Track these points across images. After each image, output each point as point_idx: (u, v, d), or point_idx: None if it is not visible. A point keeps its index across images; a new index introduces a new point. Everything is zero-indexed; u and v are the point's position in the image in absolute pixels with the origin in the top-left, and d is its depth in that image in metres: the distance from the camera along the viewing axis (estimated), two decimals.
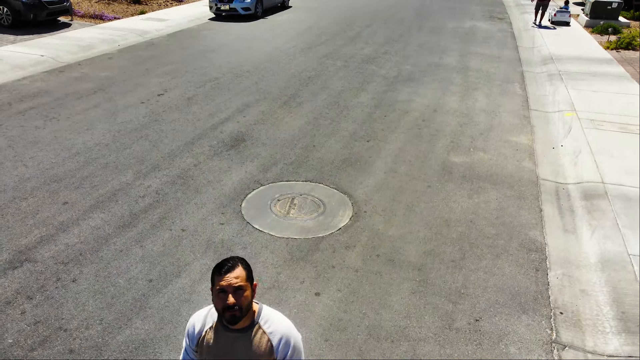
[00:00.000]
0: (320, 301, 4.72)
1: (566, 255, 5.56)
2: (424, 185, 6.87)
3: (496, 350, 4.28)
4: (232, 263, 2.25)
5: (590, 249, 5.64)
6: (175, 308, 4.55)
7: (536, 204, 6.52)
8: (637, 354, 4.22)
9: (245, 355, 2.34)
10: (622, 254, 5.48)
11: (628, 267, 5.28)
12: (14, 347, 4.06)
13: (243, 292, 2.24)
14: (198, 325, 2.44)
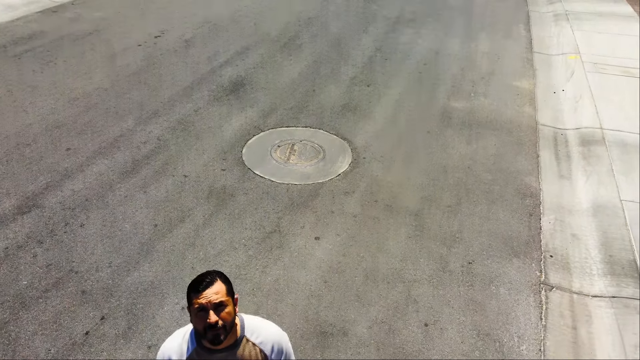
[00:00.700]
0: (319, 245, 4.90)
1: (560, 201, 5.70)
2: (424, 131, 6.92)
3: (487, 291, 4.50)
4: (210, 278, 2.07)
5: (583, 195, 5.77)
6: (180, 252, 4.74)
7: (534, 150, 6.59)
8: (620, 295, 4.44)
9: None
10: (614, 200, 5.62)
11: (619, 212, 5.44)
12: (29, 288, 4.27)
13: (225, 307, 2.04)
14: (174, 356, 2.16)
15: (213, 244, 4.84)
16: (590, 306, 4.39)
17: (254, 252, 4.78)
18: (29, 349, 3.77)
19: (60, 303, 4.15)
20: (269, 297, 4.33)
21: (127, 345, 3.85)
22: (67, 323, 3.99)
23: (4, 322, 3.96)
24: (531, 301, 4.41)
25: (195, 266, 4.59)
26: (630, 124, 7.07)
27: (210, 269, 4.46)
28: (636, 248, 4.94)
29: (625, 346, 3.98)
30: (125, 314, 4.10)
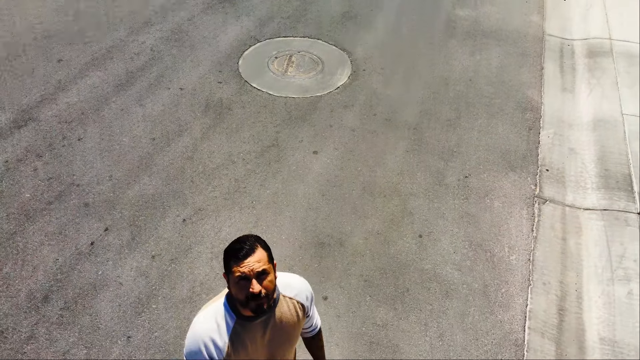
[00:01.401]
0: (318, 159, 4.93)
1: (560, 115, 5.65)
2: (426, 41, 6.69)
3: (481, 204, 4.59)
4: (250, 244, 1.88)
5: (585, 108, 5.71)
6: (179, 165, 4.77)
7: (538, 62, 6.42)
8: (611, 208, 4.53)
9: (283, 334, 2.09)
10: (615, 114, 5.56)
11: (619, 126, 5.40)
12: (32, 200, 4.36)
13: (267, 276, 1.88)
14: (216, 336, 1.93)
15: (211, 158, 4.87)
16: (581, 218, 4.50)
17: (252, 165, 4.82)
18: (37, 259, 3.92)
19: (64, 215, 4.25)
20: (268, 209, 4.43)
21: (132, 255, 3.99)
22: (72, 234, 4.12)
23: (11, 234, 4.08)
24: (524, 214, 4.52)
25: (194, 179, 4.64)
26: None
27: (211, 181, 4.54)
28: (632, 162, 4.97)
29: (612, 256, 4.13)
30: (128, 225, 4.21)
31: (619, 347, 3.55)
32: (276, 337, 2.06)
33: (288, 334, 2.11)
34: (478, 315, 3.74)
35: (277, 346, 2.09)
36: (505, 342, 3.58)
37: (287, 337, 2.11)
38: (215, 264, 3.97)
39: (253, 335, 1.98)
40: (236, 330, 1.95)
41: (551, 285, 3.98)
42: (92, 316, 3.60)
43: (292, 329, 2.11)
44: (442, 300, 3.83)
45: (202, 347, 1.92)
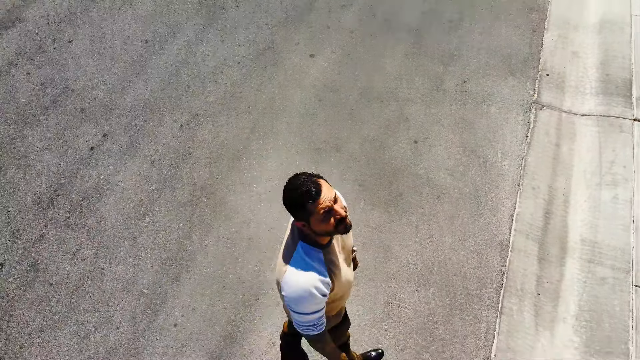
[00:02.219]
0: (314, 63, 4.84)
1: (567, 15, 5.44)
2: None
3: (478, 110, 4.59)
4: (313, 181, 1.86)
5: (593, 8, 5.49)
6: (174, 69, 4.70)
7: None
8: (607, 114, 4.54)
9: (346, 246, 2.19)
10: (624, 14, 5.35)
11: (626, 28, 5.23)
12: (28, 106, 4.36)
13: (338, 198, 1.94)
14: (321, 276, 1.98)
15: (206, 61, 4.78)
16: (576, 124, 4.53)
17: (248, 69, 4.74)
18: (39, 164, 4.01)
19: (62, 120, 4.28)
20: (264, 115, 4.44)
21: (132, 160, 4.08)
22: (72, 139, 4.17)
23: (12, 138, 4.14)
24: (520, 120, 4.53)
25: (190, 84, 4.60)
26: None
27: (206, 86, 4.50)
28: (634, 67, 4.88)
29: (602, 162, 4.22)
30: (126, 130, 4.25)
31: (598, 248, 3.75)
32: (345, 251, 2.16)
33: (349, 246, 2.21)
34: (467, 218, 3.90)
35: (347, 258, 2.19)
36: (491, 243, 3.78)
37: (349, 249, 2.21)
38: (213, 169, 4.06)
39: (336, 256, 2.05)
40: (327, 258, 2.01)
41: (540, 189, 4.11)
42: (98, 219, 3.76)
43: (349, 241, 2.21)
44: (434, 204, 3.97)
45: (315, 291, 1.94)
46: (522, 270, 3.68)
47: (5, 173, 3.93)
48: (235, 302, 3.42)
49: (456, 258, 3.70)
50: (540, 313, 3.49)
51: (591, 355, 3.29)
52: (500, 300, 3.52)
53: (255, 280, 3.52)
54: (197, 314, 3.37)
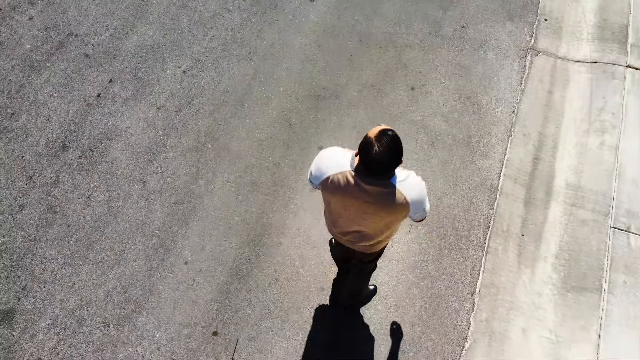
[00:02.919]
0: (314, 7, 4.86)
1: None
2: None
3: (475, 56, 4.67)
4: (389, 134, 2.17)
5: None
6: (175, 14, 4.73)
7: None
8: (601, 60, 4.62)
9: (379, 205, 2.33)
10: None
11: None
12: (34, 52, 4.43)
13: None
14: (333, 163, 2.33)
15: (206, 5, 4.80)
16: (570, 71, 4.62)
17: (247, 14, 4.77)
18: (49, 110, 4.16)
19: (68, 67, 4.37)
20: (265, 61, 4.53)
21: (138, 107, 4.22)
22: (78, 86, 4.29)
23: (20, 85, 4.25)
24: (515, 66, 4.63)
25: (191, 29, 4.65)
26: None
27: (207, 31, 4.55)
28: (632, 12, 4.90)
29: (592, 109, 4.37)
30: (131, 77, 4.36)
31: (582, 192, 3.98)
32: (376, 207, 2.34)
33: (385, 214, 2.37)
34: (459, 164, 4.11)
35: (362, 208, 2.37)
36: (481, 187, 4.01)
37: (382, 216, 2.39)
38: (217, 116, 4.22)
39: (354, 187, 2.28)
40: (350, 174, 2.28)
41: (530, 136, 4.28)
42: (109, 164, 3.96)
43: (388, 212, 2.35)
44: (428, 149, 4.16)
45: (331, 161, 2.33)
46: (508, 213, 3.93)
47: (17, 119, 4.09)
48: (240, 242, 3.69)
49: (447, 201, 3.94)
50: (523, 252, 3.78)
51: (567, 291, 3.60)
52: (487, 240, 3.79)
53: (259, 222, 3.78)
54: (206, 253, 3.65)
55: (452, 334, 3.45)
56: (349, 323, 3.45)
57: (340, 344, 3.38)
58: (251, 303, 3.49)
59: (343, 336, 3.41)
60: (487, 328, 3.50)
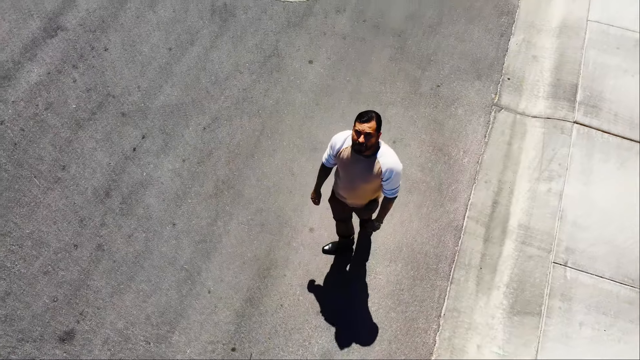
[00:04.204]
0: (313, 68, 5.74)
1: (533, 19, 6.25)
2: None
3: (447, 112, 5.56)
4: (370, 116, 3.28)
5: (556, 11, 6.28)
6: (195, 75, 5.61)
7: None
8: (553, 116, 5.51)
9: (362, 172, 3.53)
10: (581, 20, 6.16)
11: (581, 33, 6.06)
12: (79, 110, 5.32)
13: (371, 137, 3.29)
14: (339, 143, 3.60)
15: (221, 68, 5.67)
16: (527, 125, 5.51)
17: (257, 75, 5.65)
18: (94, 162, 5.04)
19: (108, 124, 5.26)
20: (271, 117, 5.41)
21: (167, 159, 5.11)
22: (117, 141, 5.18)
23: (69, 140, 5.14)
24: (481, 121, 5.51)
25: (209, 89, 5.53)
26: None
27: (222, 93, 5.44)
28: (582, 72, 5.78)
29: (543, 160, 5.25)
30: (160, 132, 5.25)
31: (530, 232, 4.88)
32: (359, 173, 3.56)
33: (366, 177, 3.55)
34: (431, 207, 5.00)
35: (357, 177, 3.60)
36: (448, 227, 4.91)
37: (364, 178, 3.56)
38: (232, 166, 5.11)
39: (352, 159, 3.53)
40: (346, 152, 3.55)
41: (491, 182, 5.18)
42: (145, 208, 4.86)
43: (368, 177, 3.54)
44: (406, 195, 5.05)
45: (335, 141, 3.63)
46: (470, 249, 4.83)
47: (69, 171, 4.98)
48: (252, 274, 4.60)
49: (420, 239, 4.84)
50: (481, 282, 4.68)
51: (514, 315, 4.51)
52: (452, 272, 4.70)
53: (268, 257, 4.68)
54: (225, 283, 4.55)
55: (421, 350, 4.37)
56: (342, 341, 4.36)
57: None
58: (262, 324, 4.40)
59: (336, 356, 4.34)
60: (449, 345, 4.41)
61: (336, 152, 3.62)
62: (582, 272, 4.67)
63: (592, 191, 5.06)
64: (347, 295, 4.55)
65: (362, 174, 3.56)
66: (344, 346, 4.33)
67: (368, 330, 4.41)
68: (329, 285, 4.59)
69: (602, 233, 4.85)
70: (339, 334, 4.38)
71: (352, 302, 4.52)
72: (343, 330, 4.40)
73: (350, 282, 4.61)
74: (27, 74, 5.47)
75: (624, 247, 4.78)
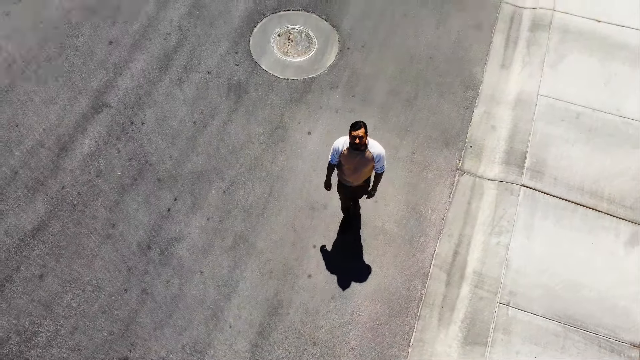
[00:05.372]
0: (311, 139, 7.04)
1: (493, 93, 7.54)
2: (401, 13, 8.16)
3: (420, 176, 6.86)
4: (360, 125, 5.01)
5: (513, 86, 7.58)
6: (215, 146, 6.92)
7: (489, 36, 8.02)
8: (505, 180, 6.81)
9: (361, 160, 5.28)
10: (532, 94, 7.46)
11: (532, 107, 7.36)
12: (123, 177, 6.63)
13: (363, 138, 5.04)
14: (340, 147, 5.31)
15: (237, 139, 6.98)
16: (484, 187, 6.81)
17: (265, 145, 6.96)
18: (137, 221, 6.36)
19: (147, 188, 6.57)
20: (277, 181, 6.72)
21: (195, 217, 6.43)
22: (155, 202, 6.49)
23: (117, 202, 6.45)
24: (447, 184, 6.82)
25: (227, 158, 6.84)
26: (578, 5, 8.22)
27: (237, 160, 6.73)
28: (531, 141, 7.08)
29: (495, 217, 6.56)
30: (189, 195, 6.56)
31: (482, 277, 6.18)
32: (359, 162, 5.29)
33: (364, 163, 5.31)
34: (404, 257, 6.32)
35: (358, 168, 5.36)
36: (417, 274, 6.22)
37: (363, 164, 5.32)
38: (247, 223, 6.42)
39: (351, 154, 5.27)
40: (347, 147, 5.25)
41: (453, 236, 6.48)
42: (178, 259, 6.18)
43: (366, 162, 5.31)
44: (384, 246, 6.37)
45: (337, 144, 5.33)
46: (434, 291, 6.14)
47: (117, 228, 6.30)
48: (263, 312, 5.91)
49: (395, 283, 6.16)
50: (442, 318, 6.00)
51: (466, 345, 5.83)
52: (419, 310, 6.01)
53: (275, 298, 5.99)
54: (242, 319, 5.87)
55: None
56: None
57: None
58: (271, 353, 5.72)
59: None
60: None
61: (339, 152, 5.35)
62: (520, 311, 5.99)
63: (532, 244, 6.37)
64: (338, 328, 5.87)
65: (361, 162, 5.32)
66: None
67: (355, 357, 5.74)
68: (323, 321, 5.91)
69: (538, 279, 6.16)
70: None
71: (341, 335, 5.84)
72: None
73: (340, 318, 5.93)
74: (80, 146, 6.79)
75: (555, 290, 6.09)
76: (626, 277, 6.14)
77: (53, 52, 7.46)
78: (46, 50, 7.46)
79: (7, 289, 5.90)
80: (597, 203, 6.63)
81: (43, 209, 6.36)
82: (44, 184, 6.52)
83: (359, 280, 6.15)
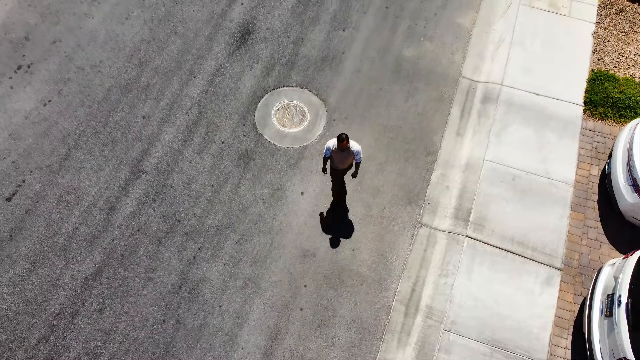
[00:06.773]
0: (304, 199, 9.01)
1: (449, 158, 9.47)
2: (377, 88, 10.06)
3: (388, 228, 8.83)
4: (342, 137, 7.43)
5: (464, 152, 9.50)
6: (228, 205, 8.89)
7: (447, 107, 9.92)
8: (453, 231, 8.77)
9: (346, 155, 7.81)
10: (479, 159, 9.39)
11: (478, 170, 9.30)
12: (158, 231, 8.62)
13: (347, 143, 7.50)
14: (331, 146, 7.77)
15: (245, 199, 8.95)
16: (437, 237, 8.79)
17: (268, 204, 8.93)
18: (170, 267, 8.36)
19: (177, 240, 8.56)
20: (277, 234, 8.70)
21: (215, 263, 8.42)
22: (182, 252, 8.49)
23: (155, 252, 8.45)
24: (408, 234, 8.79)
25: (238, 215, 8.81)
26: (525, 79, 10.10)
27: (246, 217, 8.72)
28: (476, 200, 9.02)
29: (444, 262, 8.54)
30: (209, 247, 8.55)
31: (432, 310, 8.18)
32: (344, 156, 7.85)
33: (348, 156, 7.88)
34: (373, 294, 8.32)
35: (344, 159, 7.93)
36: (383, 308, 8.22)
37: (348, 156, 7.88)
38: (254, 268, 8.42)
39: (339, 153, 7.83)
40: (336, 148, 7.78)
41: (412, 277, 8.48)
42: (202, 296, 8.19)
43: (348, 158, 7.91)
44: (359, 286, 8.37)
45: (329, 144, 7.88)
46: (396, 321, 8.16)
47: (156, 272, 8.30)
48: (266, 338, 7.94)
49: (366, 314, 8.18)
50: (401, 341, 8.03)
51: None
52: (384, 335, 8.04)
53: (275, 327, 8.01)
54: (250, 344, 7.90)
55: None
56: None
57: None
58: None
59: None
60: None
61: (331, 150, 7.80)
62: (459, 336, 8.01)
63: (471, 284, 8.36)
64: (323, 349, 7.90)
65: (347, 156, 7.84)
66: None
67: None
68: (312, 344, 7.94)
69: (474, 312, 8.17)
70: None
71: (325, 355, 7.87)
72: None
73: (324, 342, 7.96)
74: (124, 206, 8.77)
75: (486, 320, 8.10)
76: (539, 310, 8.15)
77: (99, 125, 9.40)
78: (93, 125, 9.41)
79: (76, 320, 7.94)
80: (523, 250, 8.62)
81: (99, 258, 8.37)
82: (98, 237, 8.52)
83: (339, 312, 8.16)
